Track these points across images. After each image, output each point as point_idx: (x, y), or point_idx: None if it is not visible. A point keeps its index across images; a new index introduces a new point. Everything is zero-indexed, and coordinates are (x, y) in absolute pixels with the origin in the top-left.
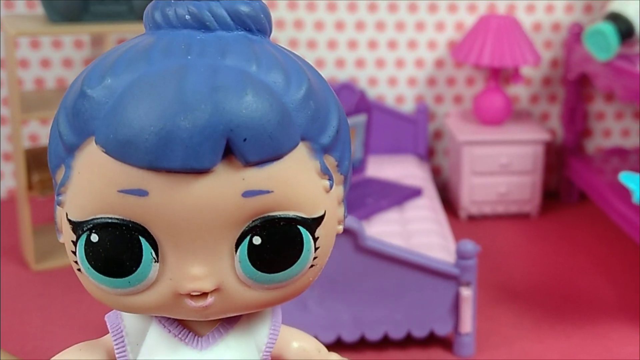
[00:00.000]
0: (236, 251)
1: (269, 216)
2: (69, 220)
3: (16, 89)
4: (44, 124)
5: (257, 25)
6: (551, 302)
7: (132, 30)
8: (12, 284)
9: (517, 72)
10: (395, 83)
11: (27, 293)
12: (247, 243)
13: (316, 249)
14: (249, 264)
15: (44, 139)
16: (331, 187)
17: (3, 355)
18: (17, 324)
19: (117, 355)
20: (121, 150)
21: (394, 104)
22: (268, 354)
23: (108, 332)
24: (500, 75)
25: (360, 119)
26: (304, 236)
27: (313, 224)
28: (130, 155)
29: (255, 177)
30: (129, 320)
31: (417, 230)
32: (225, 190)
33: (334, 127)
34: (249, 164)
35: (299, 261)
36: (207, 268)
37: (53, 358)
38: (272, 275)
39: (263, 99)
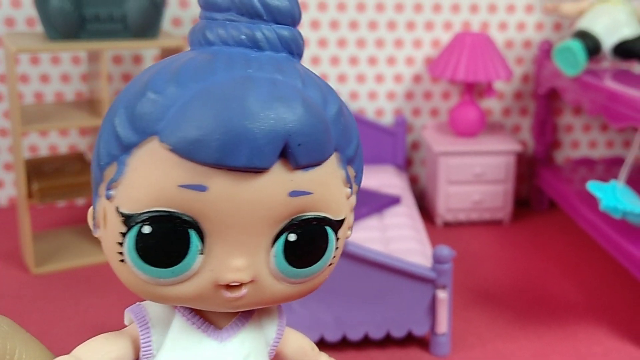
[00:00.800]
0: (272, 246)
1: (305, 216)
2: (121, 213)
3: (17, 102)
4: (43, 136)
5: (297, 49)
6: (523, 304)
7: (126, 47)
8: (13, 286)
9: (490, 87)
10: (375, 97)
11: (27, 295)
12: (283, 239)
13: (336, 248)
14: (283, 258)
15: (43, 150)
16: (351, 194)
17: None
18: (17, 324)
19: (142, 345)
20: (191, 147)
21: (374, 117)
22: (274, 349)
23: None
24: (474, 90)
25: None
26: (329, 236)
27: (337, 225)
28: (199, 153)
29: (301, 179)
30: (154, 312)
31: (395, 236)
32: (276, 189)
33: (356, 142)
34: (298, 167)
35: (323, 258)
36: (247, 260)
37: (80, 345)
38: (300, 270)
39: (314, 111)
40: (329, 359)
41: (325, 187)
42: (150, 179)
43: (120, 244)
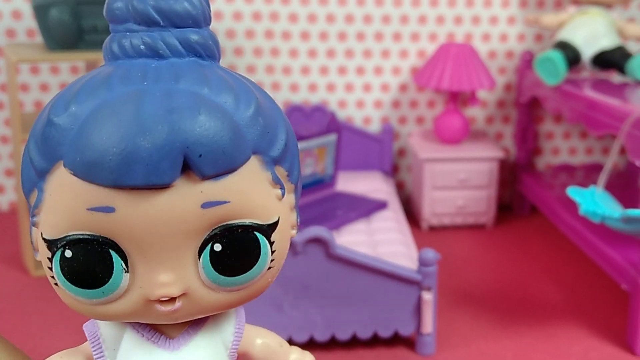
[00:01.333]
0: (199, 258)
1: (227, 224)
2: (44, 239)
3: (17, 111)
4: None
5: (206, 52)
6: (505, 305)
7: None
8: (13, 288)
9: (474, 96)
10: (363, 105)
11: (27, 296)
12: (208, 250)
13: (272, 252)
14: (212, 269)
15: None
16: (283, 195)
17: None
18: (18, 324)
19: None
20: (87, 171)
21: (362, 125)
22: (234, 351)
23: (86, 340)
24: (458, 99)
25: (331, 138)
26: (260, 241)
27: (269, 229)
28: (96, 176)
29: (212, 189)
30: (105, 328)
31: (382, 239)
32: (186, 203)
33: (282, 141)
34: (205, 177)
35: (257, 264)
36: (174, 275)
37: None
38: (233, 278)
39: (215, 118)
40: (301, 353)
41: (245, 193)
42: (63, 203)
43: (50, 268)
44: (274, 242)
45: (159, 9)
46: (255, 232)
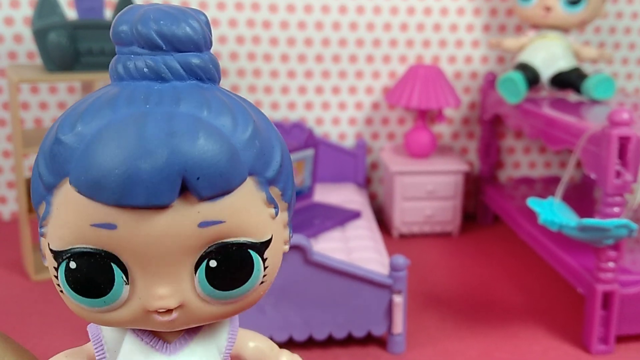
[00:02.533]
0: (195, 273)
1: (222, 242)
2: (51, 250)
3: (18, 127)
4: None
5: (207, 75)
6: (470, 307)
7: None
8: (15, 291)
9: (440, 113)
10: (338, 122)
11: (27, 299)
12: (204, 266)
13: (265, 267)
14: (207, 283)
15: None
16: (277, 214)
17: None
18: (18, 325)
19: None
20: (91, 190)
21: (337, 140)
22: (228, 354)
23: (86, 341)
24: (426, 116)
25: (309, 152)
26: (254, 258)
27: (262, 247)
28: (99, 194)
29: (209, 209)
30: (107, 331)
31: (356, 246)
32: (183, 222)
33: (277, 162)
34: (203, 198)
35: (250, 279)
36: (171, 288)
37: None
38: (227, 292)
39: (213, 141)
40: (290, 356)
41: (240, 213)
42: (68, 218)
43: (57, 276)
44: (266, 258)
45: (161, 34)
46: (249, 250)
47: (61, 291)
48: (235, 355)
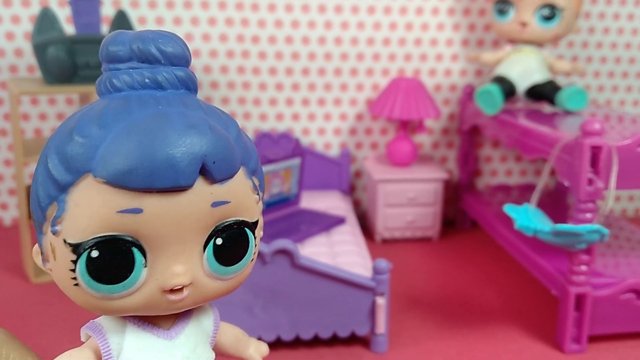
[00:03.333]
0: (204, 251)
1: (227, 221)
2: (69, 244)
3: (19, 137)
4: None
5: (192, 86)
6: (449, 309)
7: None
8: (16, 293)
9: (421, 124)
10: (324, 133)
11: (28, 301)
12: (212, 245)
13: (255, 245)
14: (214, 260)
15: None
16: (259, 200)
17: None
18: (19, 326)
19: (103, 352)
20: (123, 177)
21: (323, 150)
22: (214, 339)
23: (80, 340)
24: (408, 127)
25: (296, 161)
26: (249, 236)
27: (253, 226)
28: (131, 180)
29: (219, 191)
30: (107, 324)
31: (341, 251)
32: (200, 202)
33: (255, 157)
34: (215, 181)
35: (246, 255)
36: (186, 266)
37: None
38: (229, 267)
39: (221, 134)
40: (258, 343)
41: (239, 196)
42: (92, 210)
43: (73, 270)
44: (256, 237)
45: (161, 50)
46: (246, 228)
47: (76, 284)
48: (216, 340)
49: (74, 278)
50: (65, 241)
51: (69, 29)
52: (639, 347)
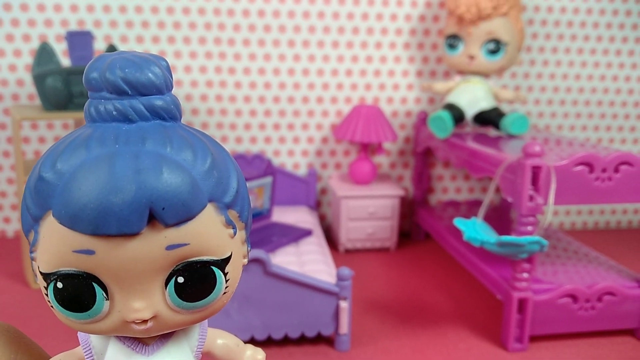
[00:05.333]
0: (166, 288)
1: (188, 261)
2: (40, 272)
3: (20, 158)
4: None
5: (168, 114)
6: (405, 312)
7: None
8: (17, 298)
9: (380, 146)
10: (293, 154)
11: (27, 306)
12: (173, 282)
13: (227, 280)
14: (176, 296)
15: None
16: (235, 233)
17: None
18: (20, 327)
19: None
20: (71, 221)
21: (292, 169)
22: (199, 352)
23: (79, 344)
24: (368, 149)
25: (268, 180)
26: (216, 273)
27: (223, 263)
28: (78, 225)
29: (174, 234)
30: (94, 337)
31: (308, 260)
32: (152, 247)
33: (234, 188)
34: (168, 225)
35: (214, 291)
36: (145, 302)
37: None
38: (194, 303)
39: (176, 175)
40: (254, 350)
41: (203, 235)
42: (53, 245)
43: (47, 294)
44: (227, 272)
45: (127, 81)
46: (212, 267)
47: (51, 306)
48: (206, 351)
49: (49, 301)
50: (38, 268)
51: (65, 61)
52: (574, 346)
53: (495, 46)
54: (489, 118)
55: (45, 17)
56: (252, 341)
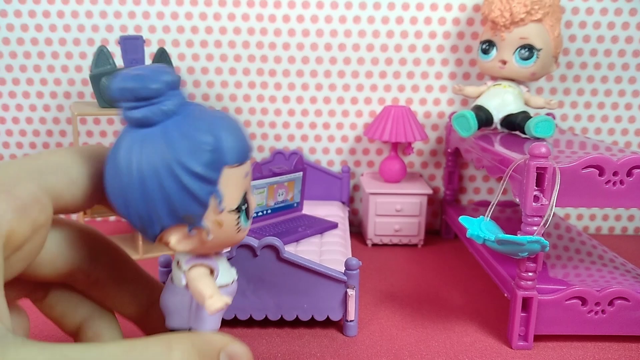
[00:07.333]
0: None
1: None
2: (234, 210)
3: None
4: None
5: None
6: (418, 304)
7: None
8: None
9: (409, 146)
10: (328, 152)
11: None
12: None
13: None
14: None
15: None
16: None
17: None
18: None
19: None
20: (241, 157)
21: (327, 166)
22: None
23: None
24: (398, 148)
25: (298, 175)
26: None
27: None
28: (243, 157)
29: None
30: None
31: (328, 250)
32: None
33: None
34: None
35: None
36: None
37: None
38: None
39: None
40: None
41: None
42: (235, 184)
43: (238, 223)
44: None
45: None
46: None
47: (238, 231)
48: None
49: (238, 225)
50: (229, 210)
51: (121, 63)
52: (582, 348)
53: (528, 52)
54: (515, 121)
55: (106, 23)
56: (266, 320)
